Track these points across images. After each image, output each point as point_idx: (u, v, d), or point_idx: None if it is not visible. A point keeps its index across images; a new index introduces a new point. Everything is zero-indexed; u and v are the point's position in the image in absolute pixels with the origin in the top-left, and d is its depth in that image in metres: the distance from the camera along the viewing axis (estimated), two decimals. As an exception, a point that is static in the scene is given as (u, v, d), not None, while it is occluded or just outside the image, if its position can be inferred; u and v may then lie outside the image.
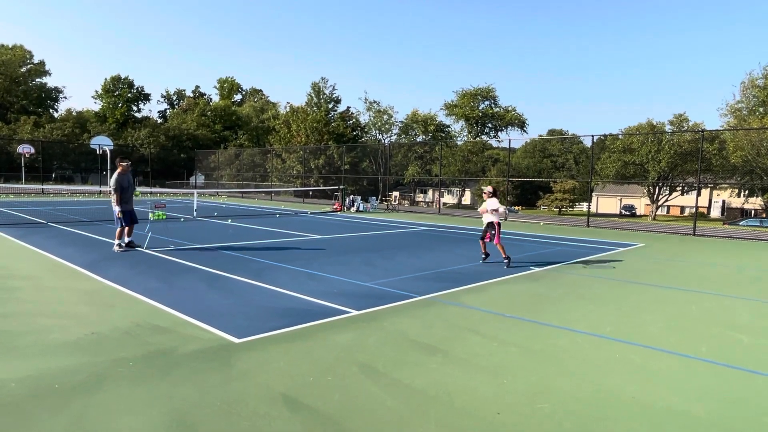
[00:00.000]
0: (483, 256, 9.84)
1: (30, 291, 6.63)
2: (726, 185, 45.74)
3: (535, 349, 4.88)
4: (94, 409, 3.36)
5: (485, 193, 9.77)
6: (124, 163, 9.99)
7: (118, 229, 9.91)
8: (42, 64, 68.60)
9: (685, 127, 45.58)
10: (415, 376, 4.10)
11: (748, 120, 39.22)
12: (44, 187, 34.71)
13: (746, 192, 45.63)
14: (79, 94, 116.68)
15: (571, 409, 3.61)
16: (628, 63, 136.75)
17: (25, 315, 5.53)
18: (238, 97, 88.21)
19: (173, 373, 4.03)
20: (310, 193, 39.95)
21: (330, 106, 54.89)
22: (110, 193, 9.91)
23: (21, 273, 7.77)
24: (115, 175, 9.92)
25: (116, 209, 9.82)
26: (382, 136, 59.40)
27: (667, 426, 3.39)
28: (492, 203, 9.53)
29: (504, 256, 9.35)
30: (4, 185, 32.99)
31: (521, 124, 58.83)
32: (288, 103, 63.51)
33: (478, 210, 9.94)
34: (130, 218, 10.01)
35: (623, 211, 63.22)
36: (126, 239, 10.16)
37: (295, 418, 3.34)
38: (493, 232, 9.41)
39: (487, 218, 9.56)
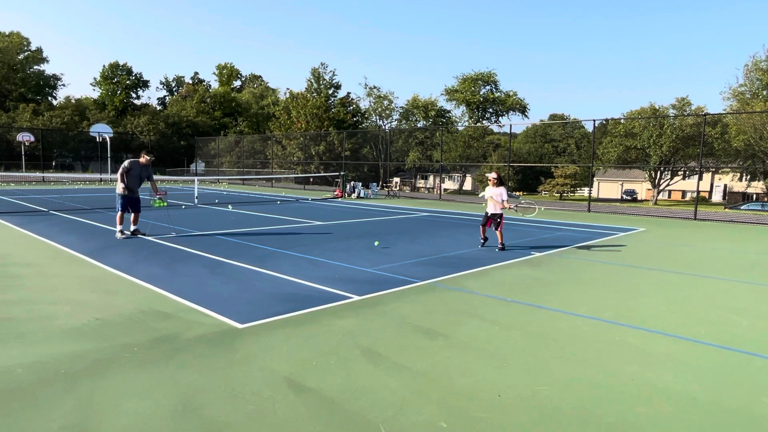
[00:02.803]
0: (482, 240, 9.90)
1: (33, 278, 6.68)
2: (728, 169, 45.57)
3: (535, 333, 4.92)
4: (100, 394, 3.41)
5: (491, 180, 9.64)
6: (148, 156, 10.26)
7: (119, 215, 9.94)
8: (39, 51, 68.02)
9: (688, 111, 45.29)
10: (416, 360, 4.15)
11: (751, 103, 38.89)
12: (45, 175, 34.68)
13: (748, 176, 45.49)
14: (77, 81, 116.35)
15: (570, 391, 3.65)
16: (630, 47, 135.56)
17: (30, 302, 5.58)
18: (237, 83, 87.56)
19: (178, 358, 4.07)
20: (311, 180, 39.91)
21: (330, 91, 54.46)
22: (119, 173, 9.84)
23: (24, 260, 7.82)
24: (131, 160, 10.06)
25: (120, 187, 9.84)
26: (383, 122, 59.08)
27: (666, 408, 3.43)
28: (496, 192, 9.44)
29: (500, 242, 9.54)
30: (4, 173, 32.97)
31: (522, 109, 58.35)
32: (288, 89, 62.78)
33: (485, 195, 9.76)
34: (134, 205, 10.05)
35: (624, 196, 63.03)
36: (132, 227, 10.22)
37: (298, 400, 3.39)
38: (499, 220, 9.49)
39: (492, 209, 9.52)
